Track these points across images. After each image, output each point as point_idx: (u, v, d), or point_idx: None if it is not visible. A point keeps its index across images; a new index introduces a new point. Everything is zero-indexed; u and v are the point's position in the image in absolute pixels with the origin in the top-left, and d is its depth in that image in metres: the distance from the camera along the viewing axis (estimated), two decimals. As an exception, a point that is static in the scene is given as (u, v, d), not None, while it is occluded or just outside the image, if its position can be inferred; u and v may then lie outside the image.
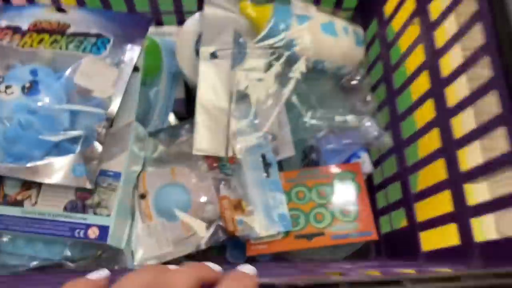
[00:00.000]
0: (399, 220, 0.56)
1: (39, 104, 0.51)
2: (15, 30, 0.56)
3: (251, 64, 0.59)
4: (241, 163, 0.56)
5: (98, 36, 0.56)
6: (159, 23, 0.66)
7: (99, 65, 0.54)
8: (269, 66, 0.58)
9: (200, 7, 0.64)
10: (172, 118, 0.64)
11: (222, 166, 0.57)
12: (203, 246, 0.55)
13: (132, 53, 0.56)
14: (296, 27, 0.57)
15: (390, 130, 0.57)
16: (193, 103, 0.64)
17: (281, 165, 0.59)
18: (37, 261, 0.54)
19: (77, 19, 0.57)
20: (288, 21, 0.57)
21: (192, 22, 0.62)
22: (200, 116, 0.55)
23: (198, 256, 0.59)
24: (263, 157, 0.57)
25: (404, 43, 0.54)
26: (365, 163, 0.60)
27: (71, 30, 0.56)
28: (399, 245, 0.56)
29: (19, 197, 0.52)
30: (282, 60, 0.57)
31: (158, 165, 0.58)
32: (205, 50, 0.56)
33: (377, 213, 0.60)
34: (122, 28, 0.57)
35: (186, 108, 0.65)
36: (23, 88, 0.51)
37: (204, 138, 0.54)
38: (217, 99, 0.56)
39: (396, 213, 0.57)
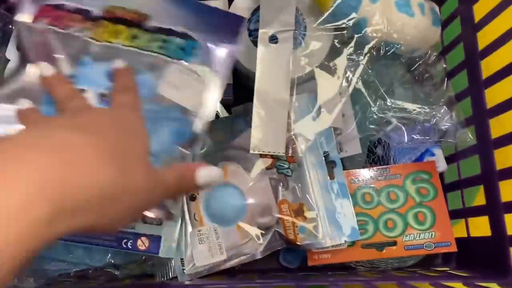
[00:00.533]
0: (480, 229, 0.49)
1: None
2: (86, 15, 0.47)
3: (314, 46, 0.51)
4: (302, 162, 0.50)
5: (184, 36, 0.47)
6: (204, -4, 0.59)
7: (188, 76, 0.46)
8: (334, 49, 0.51)
9: (251, -20, 0.56)
10: (218, 107, 0.57)
11: (279, 165, 0.50)
12: (258, 256, 0.49)
13: (224, 64, 0.47)
14: (367, 4, 0.49)
15: (473, 126, 0.50)
16: (241, 89, 0.57)
17: (342, 162, 0.53)
18: (78, 267, 0.50)
19: (158, 8, 0.48)
20: (360, -3, 0.48)
21: (244, -2, 0.54)
22: (257, 110, 0.48)
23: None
24: (326, 155, 0.51)
25: (500, 24, 0.46)
26: (439, 161, 0.53)
27: (152, 23, 0.47)
28: (478, 256, 0.50)
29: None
30: (351, 44, 0.50)
31: (206, 162, 0.52)
32: (264, 33, 0.49)
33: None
34: (211, 28, 0.48)
35: (234, 95, 0.58)
36: (100, 95, 0.43)
37: (262, 135, 0.48)
38: (277, 89, 0.49)
39: (475, 220, 0.51)
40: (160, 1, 0.48)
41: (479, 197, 0.51)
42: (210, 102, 0.45)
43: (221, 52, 0.47)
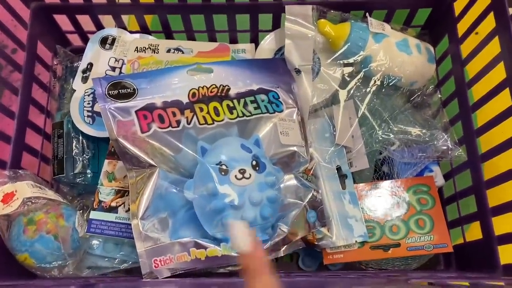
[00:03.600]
0: (473, 233, 0.57)
1: (273, 178, 0.51)
2: (180, 106, 0.52)
3: (325, 80, 0.61)
4: (318, 174, 0.59)
5: (262, 91, 0.55)
6: (234, 40, 0.70)
7: (288, 122, 0.55)
8: (344, 82, 0.61)
9: (274, 26, 0.67)
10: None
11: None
12: (281, 253, 0.57)
13: (298, 100, 0.58)
14: (372, 44, 0.59)
15: (464, 145, 0.59)
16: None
17: (352, 176, 0.61)
18: (127, 263, 0.58)
19: (224, 77, 0.55)
20: (365, 38, 0.59)
21: (269, 40, 0.65)
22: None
23: (272, 262, 0.62)
24: (339, 168, 0.59)
25: (481, 60, 0.56)
26: (437, 176, 0.61)
27: (233, 91, 0.54)
28: (473, 257, 0.57)
29: (113, 204, 0.56)
30: (359, 76, 0.60)
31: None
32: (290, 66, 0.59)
33: (447, 225, 0.61)
34: (269, 75, 0.57)
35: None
36: (253, 167, 0.50)
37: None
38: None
39: (469, 226, 0.58)
40: (226, 69, 0.56)
41: (472, 208, 0.58)
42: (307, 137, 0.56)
43: (291, 90, 0.57)
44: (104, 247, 0.58)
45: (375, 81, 0.60)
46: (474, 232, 0.58)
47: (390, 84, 0.61)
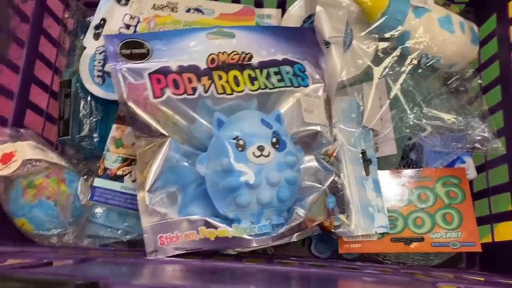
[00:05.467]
0: (505, 233, 0.53)
1: (293, 158, 0.48)
2: (197, 72, 0.48)
3: (357, 55, 0.56)
4: (341, 157, 0.54)
5: (288, 62, 0.51)
6: (259, 4, 0.64)
7: (313, 98, 0.51)
8: (377, 58, 0.56)
9: (304, -9, 0.62)
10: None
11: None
12: (295, 238, 0.53)
13: (325, 74, 0.53)
14: (412, 19, 0.54)
15: (504, 136, 0.54)
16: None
17: (378, 163, 0.57)
18: (130, 235, 0.55)
19: (247, 44, 0.50)
20: (405, 12, 0.53)
21: (298, 6, 0.60)
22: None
23: (283, 245, 0.58)
24: (363, 153, 0.55)
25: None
26: (470, 169, 0.57)
27: (256, 59, 0.50)
28: (501, 259, 0.53)
29: (119, 172, 0.53)
30: (394, 53, 0.54)
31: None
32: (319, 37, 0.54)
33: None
34: (296, 46, 0.52)
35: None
36: (273, 144, 0.47)
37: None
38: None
39: (501, 225, 0.54)
40: (249, 36, 0.51)
41: (504, 206, 0.54)
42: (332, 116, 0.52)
43: (318, 64, 0.52)
44: (108, 216, 0.55)
45: (411, 60, 0.55)
46: (500, 231, 0.54)
47: (428, 64, 0.56)
